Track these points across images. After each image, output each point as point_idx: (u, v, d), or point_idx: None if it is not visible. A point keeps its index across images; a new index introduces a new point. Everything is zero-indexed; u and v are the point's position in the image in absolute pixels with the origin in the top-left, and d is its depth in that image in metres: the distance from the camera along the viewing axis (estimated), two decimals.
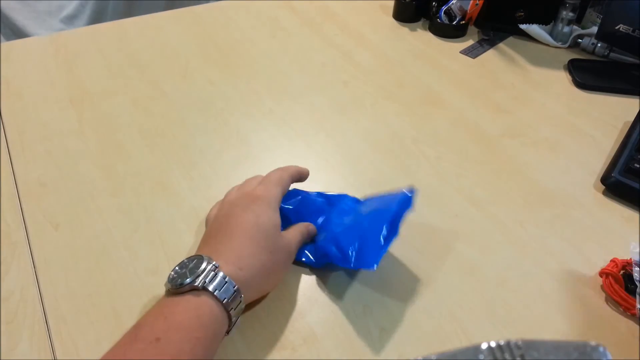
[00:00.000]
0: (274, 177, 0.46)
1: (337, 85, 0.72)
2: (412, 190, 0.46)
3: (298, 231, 0.46)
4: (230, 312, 0.36)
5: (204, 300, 0.35)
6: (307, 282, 0.46)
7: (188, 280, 0.36)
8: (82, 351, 0.41)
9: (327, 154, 0.61)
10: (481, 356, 0.24)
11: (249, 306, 0.44)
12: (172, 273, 0.37)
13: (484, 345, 0.24)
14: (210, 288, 0.35)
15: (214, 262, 0.37)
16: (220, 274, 0.36)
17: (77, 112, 0.65)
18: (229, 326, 0.37)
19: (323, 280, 0.46)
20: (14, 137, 0.60)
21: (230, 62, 0.76)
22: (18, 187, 0.54)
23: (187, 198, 0.54)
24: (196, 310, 0.35)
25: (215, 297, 0.35)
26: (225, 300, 0.36)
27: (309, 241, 0.48)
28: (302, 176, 0.49)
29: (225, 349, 0.41)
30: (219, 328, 0.36)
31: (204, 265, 0.37)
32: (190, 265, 0.37)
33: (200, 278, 0.36)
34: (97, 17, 1.36)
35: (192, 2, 0.94)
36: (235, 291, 0.37)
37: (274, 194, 0.44)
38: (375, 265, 0.41)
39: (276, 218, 0.42)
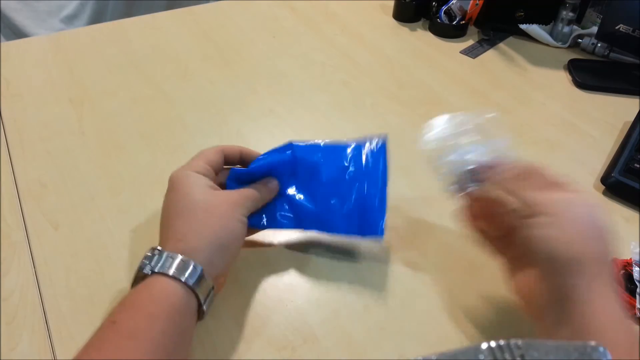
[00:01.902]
0: (199, 153, 0.45)
1: (337, 85, 0.72)
2: (383, 139, 0.48)
3: (246, 189, 0.43)
4: (183, 279, 0.35)
5: (153, 279, 0.36)
6: (308, 282, 0.46)
7: (136, 272, 0.37)
8: None
9: None
10: (481, 356, 0.24)
11: (249, 306, 0.44)
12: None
13: (484, 345, 0.24)
14: (157, 269, 0.36)
15: (157, 247, 0.38)
16: (164, 254, 0.36)
17: (77, 112, 0.65)
18: (199, 298, 0.36)
19: (323, 280, 0.46)
20: (14, 137, 0.60)
21: (230, 62, 0.76)
22: (18, 187, 0.54)
23: None
24: (147, 288, 0.35)
25: (163, 274, 0.35)
26: (173, 271, 0.35)
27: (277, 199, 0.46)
28: (243, 156, 0.47)
29: (225, 349, 0.41)
30: (177, 301, 0.35)
31: (147, 254, 0.37)
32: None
33: (146, 266, 0.36)
34: (97, 17, 1.36)
35: (192, 2, 0.94)
36: (181, 261, 0.36)
37: (189, 167, 0.42)
38: (382, 234, 0.44)
39: (197, 182, 0.41)
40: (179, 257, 0.36)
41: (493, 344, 0.25)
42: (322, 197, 0.46)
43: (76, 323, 0.42)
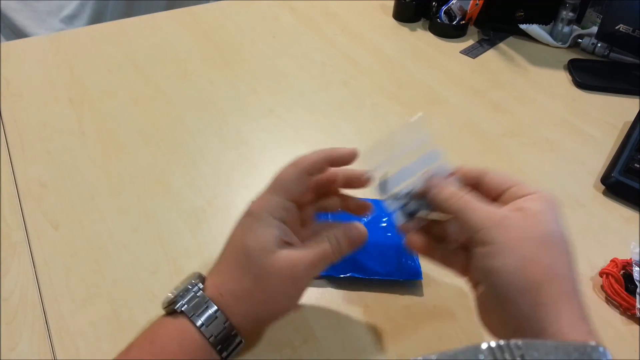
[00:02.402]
0: (278, 179, 0.37)
1: (337, 85, 0.72)
2: None
3: (317, 251, 0.35)
4: (210, 339, 0.33)
5: (185, 325, 0.33)
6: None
7: (171, 302, 0.34)
8: (82, 351, 0.41)
9: None
10: (481, 356, 0.24)
11: None
12: (169, 294, 0.35)
13: (484, 345, 0.24)
14: (189, 313, 0.33)
15: (199, 285, 0.35)
16: (204, 299, 0.34)
17: (77, 112, 0.65)
18: (222, 353, 0.34)
19: (323, 281, 0.46)
20: (14, 137, 0.60)
21: (230, 62, 0.76)
22: (18, 187, 0.54)
23: (187, 198, 0.54)
24: (178, 335, 0.33)
25: (197, 327, 0.33)
26: (204, 327, 0.33)
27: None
28: (333, 161, 0.37)
29: None
30: (203, 355, 0.33)
31: (191, 286, 0.35)
32: (186, 282, 0.35)
33: (181, 300, 0.34)
34: (97, 17, 1.36)
35: (192, 2, 0.94)
36: (216, 317, 0.33)
37: (268, 206, 0.35)
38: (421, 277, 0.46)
39: (265, 237, 0.34)
40: (216, 311, 0.33)
41: (493, 343, 0.25)
42: None
43: (76, 323, 0.42)
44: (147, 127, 0.63)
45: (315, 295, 0.45)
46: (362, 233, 0.37)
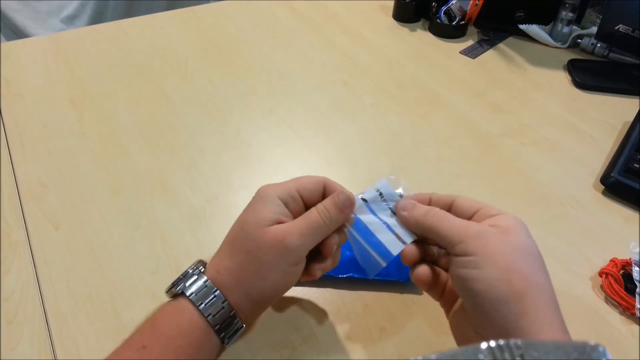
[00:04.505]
0: (298, 177, 0.39)
1: (337, 85, 0.72)
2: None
3: (306, 221, 0.36)
4: (209, 318, 0.34)
5: (184, 306, 0.34)
6: (308, 282, 0.46)
7: (172, 285, 0.35)
8: (82, 351, 0.41)
9: (327, 154, 0.61)
10: (481, 356, 0.24)
11: None
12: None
13: (484, 345, 0.24)
14: (188, 292, 0.34)
15: (200, 268, 0.36)
16: (203, 278, 0.35)
17: (77, 112, 0.65)
18: (221, 334, 0.35)
19: (323, 280, 0.46)
20: (14, 137, 0.60)
21: (230, 62, 0.76)
22: (18, 187, 0.54)
23: (187, 198, 0.54)
24: (176, 317, 0.34)
25: (194, 304, 0.34)
26: (202, 305, 0.34)
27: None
28: (339, 202, 0.37)
29: (225, 349, 0.41)
30: (203, 336, 0.34)
31: (191, 270, 0.36)
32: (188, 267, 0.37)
33: (182, 283, 0.35)
34: (98, 17, 1.36)
35: (192, 2, 0.94)
36: (214, 295, 0.34)
37: (276, 188, 0.37)
38: None
39: (262, 214, 0.36)
40: (215, 291, 0.34)
41: (493, 343, 0.25)
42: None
43: (76, 323, 0.42)
44: (147, 127, 0.63)
45: (315, 295, 0.45)
46: (350, 198, 0.37)
